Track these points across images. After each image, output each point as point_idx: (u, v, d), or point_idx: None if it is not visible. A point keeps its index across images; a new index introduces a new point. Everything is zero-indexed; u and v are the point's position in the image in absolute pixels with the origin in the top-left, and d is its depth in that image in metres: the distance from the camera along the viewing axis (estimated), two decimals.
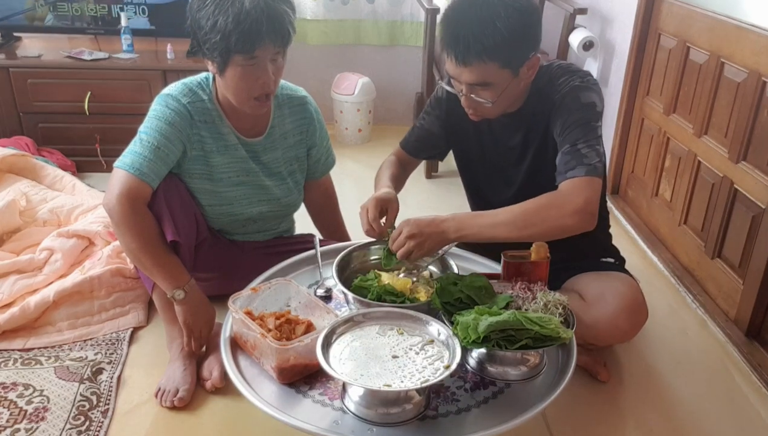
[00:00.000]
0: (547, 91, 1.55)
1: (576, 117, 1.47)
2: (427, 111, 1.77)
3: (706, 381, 1.81)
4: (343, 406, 1.21)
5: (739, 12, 2.08)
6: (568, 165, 1.44)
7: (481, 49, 1.40)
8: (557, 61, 1.61)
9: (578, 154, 1.44)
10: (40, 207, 2.33)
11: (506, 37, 1.39)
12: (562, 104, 1.50)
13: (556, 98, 1.52)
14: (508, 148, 1.67)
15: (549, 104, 1.54)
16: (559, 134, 1.50)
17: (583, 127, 1.47)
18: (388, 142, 3.59)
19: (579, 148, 1.44)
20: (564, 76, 1.54)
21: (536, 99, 1.57)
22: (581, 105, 1.48)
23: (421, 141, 1.80)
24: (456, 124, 1.72)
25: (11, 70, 2.80)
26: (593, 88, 1.51)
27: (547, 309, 1.29)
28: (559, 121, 1.50)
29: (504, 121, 1.61)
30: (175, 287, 1.57)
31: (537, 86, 1.56)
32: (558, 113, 1.51)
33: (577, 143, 1.45)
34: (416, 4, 3.53)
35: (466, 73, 1.44)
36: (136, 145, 1.59)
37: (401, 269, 1.53)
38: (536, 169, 1.64)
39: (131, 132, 1.65)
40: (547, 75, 1.57)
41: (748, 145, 1.97)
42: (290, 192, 1.85)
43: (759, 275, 1.88)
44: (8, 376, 1.69)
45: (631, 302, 1.60)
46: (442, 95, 1.71)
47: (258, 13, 1.47)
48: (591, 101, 1.49)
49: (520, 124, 1.61)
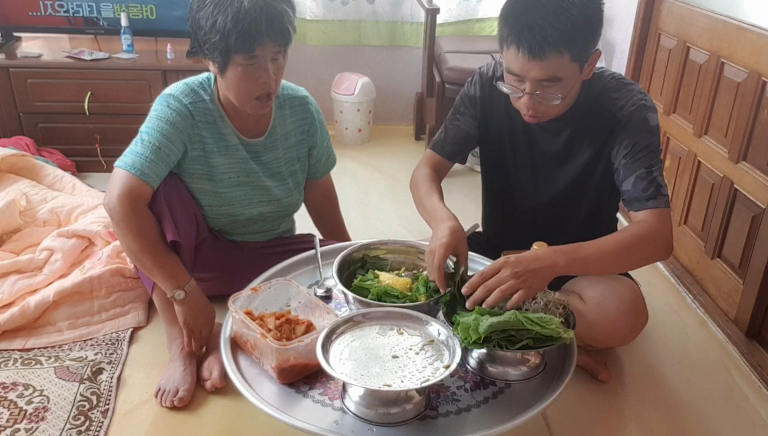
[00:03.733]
0: (602, 102, 1.51)
1: (648, 140, 1.47)
2: (460, 111, 1.68)
3: (706, 381, 1.81)
4: (343, 406, 1.21)
5: (739, 12, 2.08)
6: (647, 192, 1.44)
7: (558, 37, 1.32)
8: (608, 70, 1.57)
9: (655, 182, 1.45)
10: (40, 207, 2.33)
11: (582, 24, 1.34)
12: (629, 123, 1.47)
13: (621, 115, 1.48)
14: (543, 153, 1.62)
15: (608, 119, 1.50)
16: (628, 155, 1.47)
17: (654, 152, 1.47)
18: (388, 142, 3.60)
19: (655, 176, 1.46)
20: (621, 89, 1.50)
21: (586, 107, 1.52)
22: (651, 127, 1.47)
23: (459, 144, 1.69)
24: (490, 125, 1.66)
25: (11, 70, 2.79)
26: (655, 109, 1.51)
27: (548, 309, 1.28)
28: (626, 141, 1.47)
29: (544, 124, 1.54)
30: (176, 287, 1.57)
31: (587, 94, 1.52)
32: (626, 132, 1.48)
33: (652, 169, 1.46)
34: (416, 4, 3.52)
35: (537, 67, 1.36)
36: (137, 145, 1.59)
37: (401, 269, 1.53)
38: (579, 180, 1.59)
39: (131, 132, 1.65)
40: (599, 83, 1.52)
41: (748, 145, 1.97)
42: (291, 192, 1.85)
43: (759, 275, 1.88)
44: (8, 376, 1.69)
45: (632, 305, 1.59)
46: (475, 93, 1.65)
47: (257, 12, 1.47)
48: (656, 124, 1.49)
49: (563, 128, 1.56)
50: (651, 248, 1.43)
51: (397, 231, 2.56)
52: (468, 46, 3.41)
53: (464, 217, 1.52)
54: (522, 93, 1.43)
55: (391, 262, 1.57)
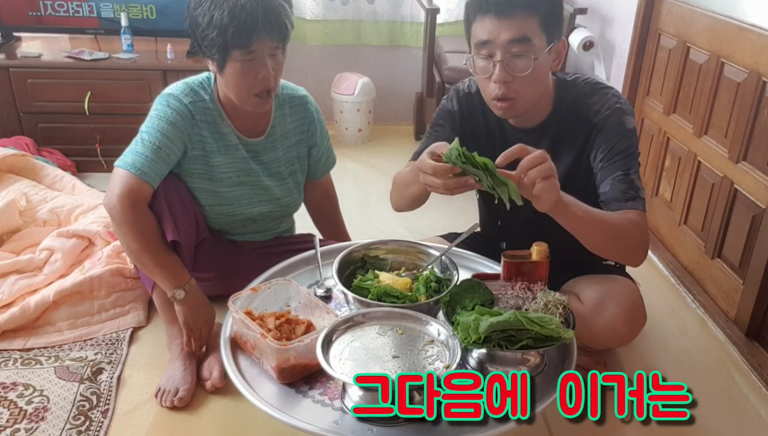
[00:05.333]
0: (578, 108, 1.52)
1: (625, 144, 1.47)
2: (439, 123, 1.68)
3: (706, 381, 1.81)
4: (343, 406, 1.21)
5: (739, 12, 2.08)
6: (626, 194, 1.44)
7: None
8: (582, 76, 1.58)
9: (633, 184, 1.45)
10: (40, 207, 2.33)
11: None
12: (605, 127, 1.48)
13: (596, 120, 1.49)
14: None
15: (585, 125, 1.51)
16: (605, 159, 1.48)
17: (631, 155, 1.48)
18: (388, 142, 3.60)
19: (632, 179, 1.46)
20: (596, 94, 1.51)
21: (563, 115, 1.53)
22: (627, 131, 1.48)
23: None
24: (469, 138, 1.64)
25: (11, 70, 2.80)
26: (631, 111, 1.51)
27: (548, 309, 1.28)
28: (603, 145, 1.48)
29: (520, 135, 1.54)
30: (176, 286, 1.57)
31: (562, 102, 1.53)
32: (602, 137, 1.48)
33: (629, 172, 1.46)
34: (416, 4, 3.53)
35: (506, 27, 1.37)
36: (137, 144, 1.59)
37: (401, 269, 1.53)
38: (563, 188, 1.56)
39: (131, 132, 1.65)
40: (573, 91, 1.54)
41: (748, 145, 1.97)
42: (290, 192, 1.85)
43: (759, 275, 1.88)
44: (8, 376, 1.69)
45: (630, 306, 1.58)
46: (453, 108, 1.66)
47: (253, 6, 1.49)
48: (633, 127, 1.49)
49: (542, 137, 1.56)
50: (633, 244, 1.43)
51: (397, 231, 2.56)
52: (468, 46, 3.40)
53: (464, 217, 1.52)
54: (493, 68, 1.42)
55: (391, 262, 1.57)
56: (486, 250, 1.70)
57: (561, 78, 1.57)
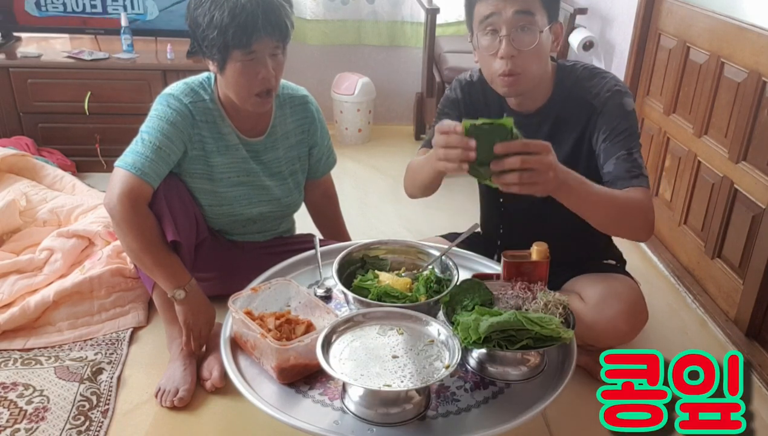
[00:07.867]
0: (577, 92, 1.53)
1: (626, 124, 1.48)
2: (444, 112, 1.70)
3: None
4: (343, 406, 1.21)
5: (739, 12, 2.08)
6: (631, 172, 1.45)
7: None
8: (579, 62, 1.60)
9: (636, 163, 1.46)
10: (40, 207, 2.33)
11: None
12: (605, 109, 1.49)
13: (596, 102, 1.50)
14: None
15: (585, 107, 1.52)
16: (607, 139, 1.49)
17: (633, 135, 1.48)
18: (388, 142, 3.60)
19: (635, 158, 1.46)
20: (594, 78, 1.53)
21: (563, 100, 1.55)
22: (627, 112, 1.49)
23: None
24: None
25: (11, 70, 2.80)
26: (630, 93, 1.52)
27: (548, 309, 1.28)
28: (605, 126, 1.49)
29: (521, 120, 1.52)
30: (176, 286, 1.57)
31: (562, 86, 1.55)
32: (603, 118, 1.49)
33: (632, 151, 1.46)
34: (416, 4, 3.53)
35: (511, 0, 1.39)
36: (137, 144, 1.59)
37: (401, 269, 1.53)
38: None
39: (131, 132, 1.65)
40: (572, 75, 1.55)
41: (748, 145, 1.97)
42: (291, 192, 1.85)
43: (759, 275, 1.88)
44: (8, 376, 1.69)
45: (632, 304, 1.59)
46: (456, 96, 1.68)
47: (253, 6, 1.49)
48: (633, 108, 1.51)
49: (543, 122, 1.58)
50: (640, 220, 1.43)
51: (397, 231, 2.56)
52: (468, 46, 3.35)
53: (464, 217, 1.52)
54: (499, 44, 1.43)
55: (391, 262, 1.57)
56: (486, 250, 1.70)
57: (560, 63, 1.59)
